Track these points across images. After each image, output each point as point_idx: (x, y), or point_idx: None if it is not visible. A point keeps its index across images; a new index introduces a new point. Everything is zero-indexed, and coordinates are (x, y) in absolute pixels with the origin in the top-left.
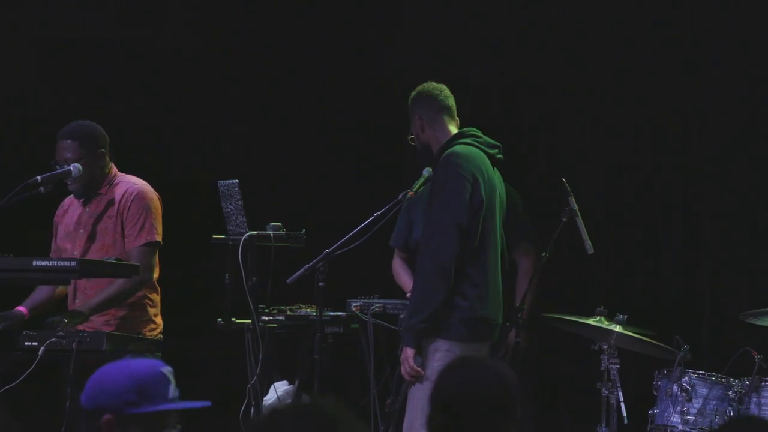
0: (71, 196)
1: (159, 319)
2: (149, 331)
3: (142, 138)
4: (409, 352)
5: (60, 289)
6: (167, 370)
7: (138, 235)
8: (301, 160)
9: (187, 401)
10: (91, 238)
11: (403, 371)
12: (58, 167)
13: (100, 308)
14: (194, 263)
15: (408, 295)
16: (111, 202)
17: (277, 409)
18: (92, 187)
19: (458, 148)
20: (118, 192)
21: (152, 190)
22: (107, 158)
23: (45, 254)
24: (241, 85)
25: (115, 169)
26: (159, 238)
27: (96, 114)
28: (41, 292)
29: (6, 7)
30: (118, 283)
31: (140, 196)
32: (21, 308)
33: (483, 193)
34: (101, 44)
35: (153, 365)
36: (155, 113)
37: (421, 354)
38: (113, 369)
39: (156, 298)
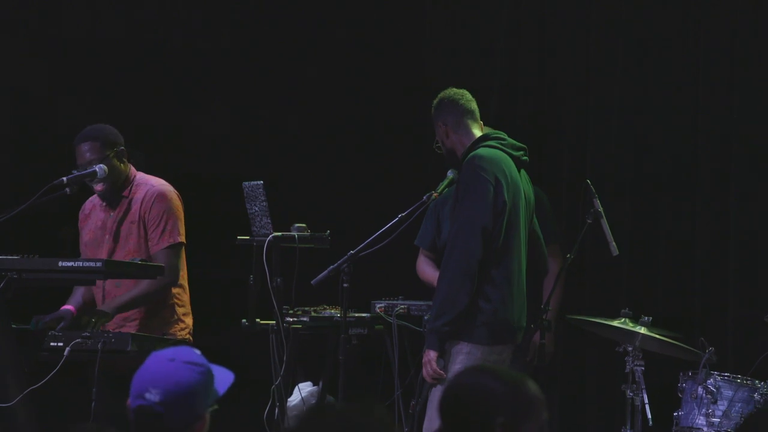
0: (91, 199)
1: (188, 319)
2: (179, 330)
3: (167, 138)
4: (431, 355)
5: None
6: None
7: (161, 238)
8: (326, 162)
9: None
10: (116, 243)
11: (424, 373)
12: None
13: (125, 308)
14: (218, 264)
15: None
16: (132, 206)
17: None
18: (117, 188)
19: (481, 150)
20: (139, 195)
21: (172, 189)
22: (125, 158)
23: (75, 253)
24: (267, 87)
25: (133, 169)
26: (182, 239)
27: (124, 116)
28: (80, 293)
29: (11, 7)
30: (144, 285)
31: (161, 198)
32: (68, 307)
33: (506, 195)
34: (120, 44)
35: (194, 350)
36: (181, 113)
37: (443, 357)
38: (185, 373)
39: (184, 297)
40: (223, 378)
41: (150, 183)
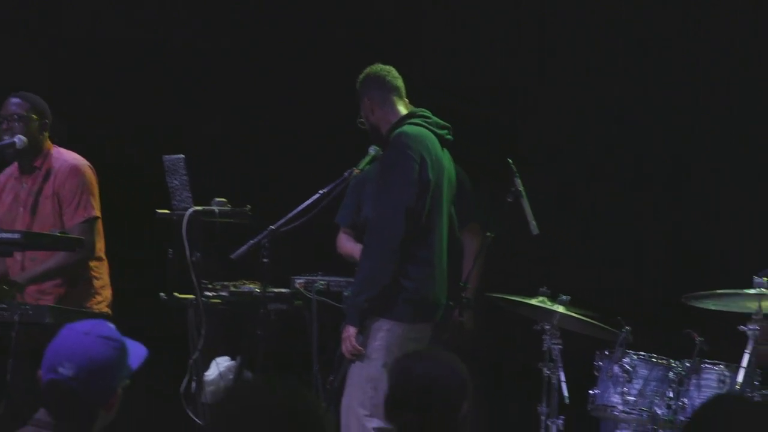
0: (5, 171)
1: (106, 292)
2: (96, 303)
3: (89, 111)
4: (351, 331)
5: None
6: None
7: (75, 213)
8: (248, 136)
9: None
10: (32, 217)
11: (344, 349)
12: (3, 124)
13: (38, 279)
14: (138, 238)
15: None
16: (46, 179)
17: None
18: (30, 154)
19: (407, 128)
20: (53, 168)
21: (86, 163)
22: (47, 133)
23: None
24: (190, 62)
25: (49, 143)
26: (97, 213)
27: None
28: None
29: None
30: (57, 258)
31: (74, 173)
32: None
33: (431, 174)
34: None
35: (107, 323)
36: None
37: (363, 333)
38: (102, 348)
39: (102, 270)
40: (136, 352)
41: (63, 157)
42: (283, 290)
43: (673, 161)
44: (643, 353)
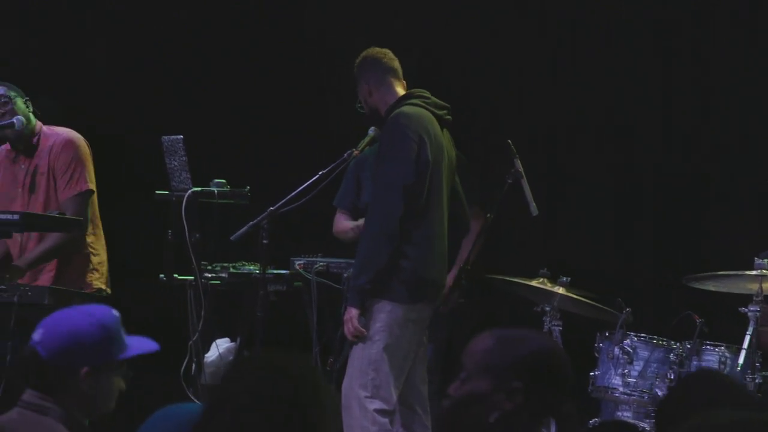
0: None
1: (103, 268)
2: (94, 280)
3: (90, 91)
4: (353, 312)
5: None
6: (117, 312)
7: (68, 186)
8: (247, 116)
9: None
10: (31, 196)
11: (346, 331)
12: None
13: (38, 262)
14: (137, 219)
15: (346, 232)
16: (41, 156)
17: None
18: (27, 134)
19: (405, 108)
20: (47, 144)
21: (79, 136)
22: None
23: None
24: (187, 41)
25: (39, 122)
26: (91, 186)
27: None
28: None
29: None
30: (54, 237)
31: (68, 146)
32: None
33: (429, 154)
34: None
35: (110, 310)
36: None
37: (364, 315)
38: (78, 319)
39: (99, 246)
40: (141, 344)
41: (56, 132)
42: (282, 271)
43: (672, 142)
44: (643, 335)
